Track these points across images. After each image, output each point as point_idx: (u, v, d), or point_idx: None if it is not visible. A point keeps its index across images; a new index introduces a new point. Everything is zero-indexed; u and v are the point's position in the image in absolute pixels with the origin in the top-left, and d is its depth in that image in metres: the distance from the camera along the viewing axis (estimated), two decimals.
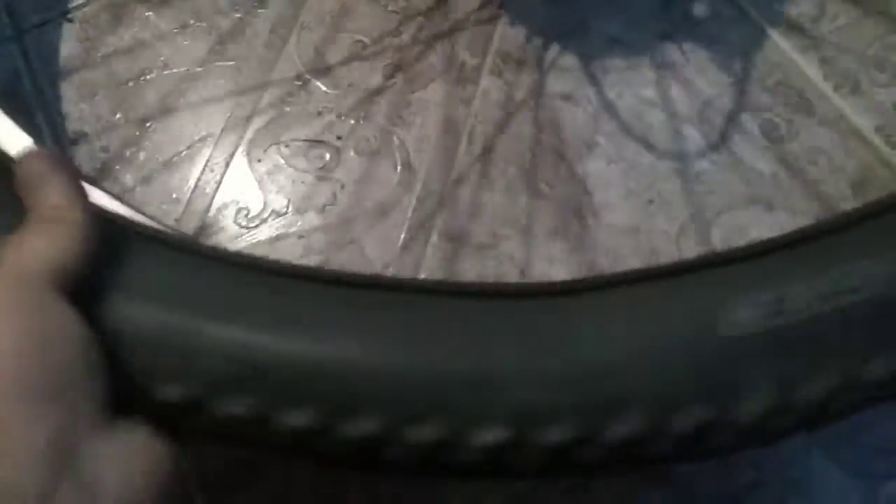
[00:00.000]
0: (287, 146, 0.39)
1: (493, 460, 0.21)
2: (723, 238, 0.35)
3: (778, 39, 0.40)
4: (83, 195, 0.20)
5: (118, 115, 0.40)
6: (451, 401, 0.20)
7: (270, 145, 0.39)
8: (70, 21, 0.44)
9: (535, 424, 0.20)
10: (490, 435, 0.20)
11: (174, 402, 0.20)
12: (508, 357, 0.21)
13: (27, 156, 0.21)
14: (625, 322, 0.21)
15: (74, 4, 0.44)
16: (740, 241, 0.35)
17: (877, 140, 0.37)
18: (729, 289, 0.21)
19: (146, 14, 0.43)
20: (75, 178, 0.20)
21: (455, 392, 0.20)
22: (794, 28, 0.40)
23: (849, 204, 0.36)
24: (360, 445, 0.20)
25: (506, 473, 0.22)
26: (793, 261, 0.22)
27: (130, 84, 0.41)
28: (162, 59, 0.42)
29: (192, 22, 0.43)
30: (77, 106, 0.41)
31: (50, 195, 0.19)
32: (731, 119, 0.38)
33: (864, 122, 0.37)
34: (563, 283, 0.24)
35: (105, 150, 0.39)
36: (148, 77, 0.41)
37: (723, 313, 0.21)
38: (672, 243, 0.35)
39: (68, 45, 0.43)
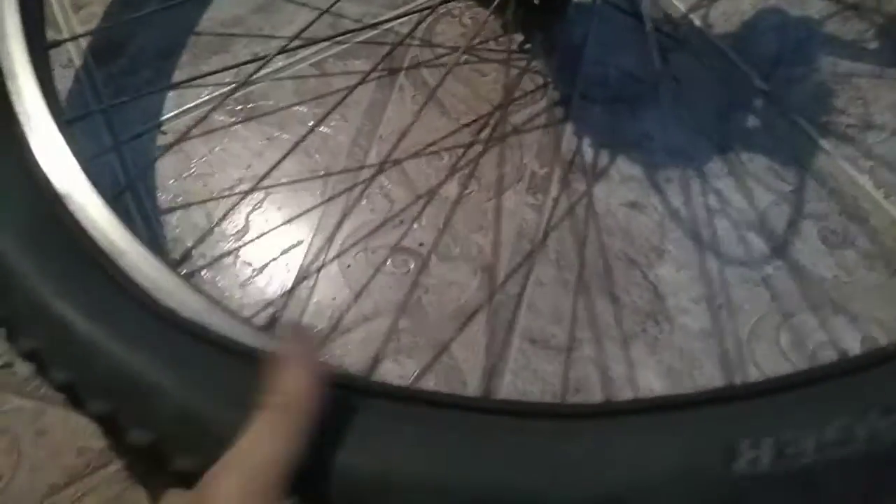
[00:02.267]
0: (374, 252, 0.42)
1: None
2: (791, 342, 0.37)
3: (829, 149, 0.43)
4: (319, 383, 0.21)
5: (212, 224, 0.43)
6: None
7: (359, 252, 0.42)
8: (163, 133, 0.47)
9: None
10: None
11: None
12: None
13: (283, 337, 0.22)
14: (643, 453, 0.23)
15: (166, 117, 0.48)
16: (808, 346, 0.37)
17: None
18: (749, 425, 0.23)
19: (234, 127, 0.47)
20: (315, 364, 0.22)
21: None
22: (843, 138, 0.43)
23: None
24: None
25: None
26: (807, 403, 0.24)
27: (224, 193, 0.44)
28: (251, 168, 0.45)
29: (276, 134, 0.46)
30: (173, 215, 0.44)
31: (287, 381, 0.21)
32: (791, 226, 0.41)
33: None
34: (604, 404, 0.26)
35: (202, 256, 0.42)
36: (238, 187, 0.44)
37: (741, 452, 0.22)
38: (744, 346, 0.37)
39: (163, 157, 0.46)
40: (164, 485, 0.25)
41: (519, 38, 0.48)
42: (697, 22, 0.48)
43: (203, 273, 0.41)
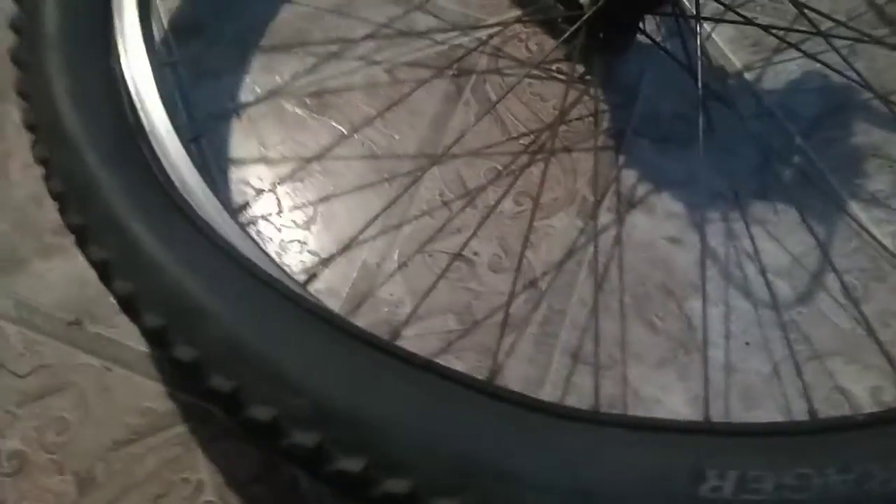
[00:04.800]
0: (431, 256, 0.45)
1: None
2: (810, 382, 0.41)
3: (857, 210, 0.46)
4: None
5: (282, 209, 0.46)
6: None
7: (416, 253, 0.44)
8: (237, 116, 0.50)
9: None
10: None
11: None
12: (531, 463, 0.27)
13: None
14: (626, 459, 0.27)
15: (242, 102, 0.50)
16: (824, 387, 0.41)
17: None
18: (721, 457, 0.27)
19: (306, 118, 0.49)
20: None
21: None
22: (870, 202, 0.47)
23: None
24: None
25: None
26: (775, 449, 0.28)
27: (293, 181, 0.47)
28: (319, 164, 0.48)
29: (345, 131, 0.49)
30: (243, 197, 0.46)
31: None
32: (816, 277, 0.44)
33: None
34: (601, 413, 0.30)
35: (269, 240, 0.45)
36: (308, 179, 0.47)
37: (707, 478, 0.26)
38: (766, 383, 0.41)
39: (235, 141, 0.49)
40: None
41: (581, 68, 0.51)
42: (749, 78, 0.51)
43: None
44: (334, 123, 0.49)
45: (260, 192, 0.46)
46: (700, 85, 0.44)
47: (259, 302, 0.31)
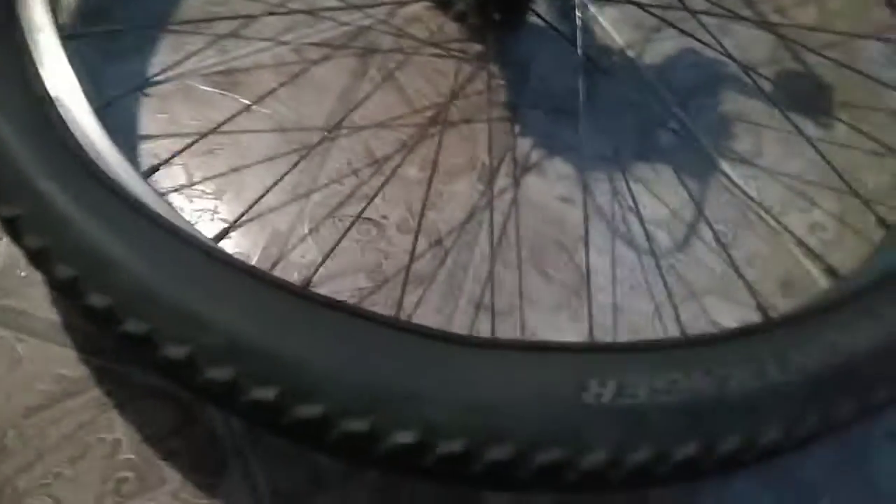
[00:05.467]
0: (341, 220, 0.47)
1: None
2: (688, 319, 0.45)
3: (727, 168, 0.52)
4: None
5: (193, 181, 0.47)
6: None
7: (326, 218, 0.47)
8: (146, 96, 0.51)
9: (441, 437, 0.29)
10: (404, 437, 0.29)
11: None
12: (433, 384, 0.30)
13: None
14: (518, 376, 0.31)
15: (150, 80, 0.51)
16: (700, 322, 0.45)
17: (798, 252, 0.49)
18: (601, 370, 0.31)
19: (214, 96, 0.51)
20: None
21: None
22: (738, 161, 0.52)
23: (777, 300, 0.47)
24: None
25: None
26: (647, 360, 0.32)
27: (204, 155, 0.48)
28: (229, 138, 0.49)
29: (254, 108, 0.51)
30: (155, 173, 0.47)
31: None
32: (691, 227, 0.49)
33: (789, 238, 0.49)
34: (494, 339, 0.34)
35: (181, 209, 0.46)
36: (219, 151, 0.49)
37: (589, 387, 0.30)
38: (649, 321, 0.45)
39: (145, 118, 0.50)
40: None
41: (477, 46, 0.55)
42: (631, 55, 0.56)
43: None
44: (243, 100, 0.51)
45: (169, 162, 0.47)
46: (582, 55, 0.48)
47: (169, 250, 0.32)
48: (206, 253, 0.33)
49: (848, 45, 0.58)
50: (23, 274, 0.43)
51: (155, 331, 0.30)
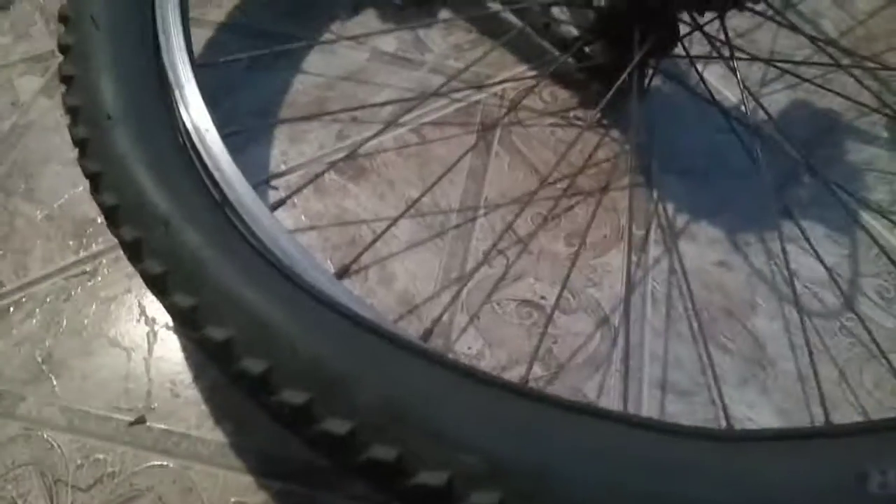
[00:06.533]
0: (499, 304, 0.44)
1: None
2: (874, 382, 0.43)
3: (869, 219, 0.50)
4: None
5: (340, 276, 0.44)
6: None
7: (484, 304, 0.44)
8: (274, 189, 0.48)
9: None
10: None
11: None
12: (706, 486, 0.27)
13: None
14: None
15: (274, 173, 0.49)
16: (887, 386, 0.43)
17: None
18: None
19: (345, 184, 0.49)
20: None
21: None
22: (878, 210, 0.51)
23: None
24: None
25: None
26: None
27: (347, 246, 0.46)
28: (367, 225, 0.47)
29: (387, 193, 0.49)
30: None
31: None
32: (852, 284, 0.47)
33: None
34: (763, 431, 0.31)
35: None
36: (358, 241, 0.46)
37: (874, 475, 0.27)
38: (836, 386, 0.43)
39: (276, 212, 0.47)
40: None
41: (596, 114, 0.54)
42: (743, 110, 0.55)
43: None
44: (374, 186, 0.49)
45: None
46: (729, 117, 0.47)
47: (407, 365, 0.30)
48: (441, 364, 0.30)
49: None
50: (178, 394, 0.40)
51: (406, 455, 0.27)
